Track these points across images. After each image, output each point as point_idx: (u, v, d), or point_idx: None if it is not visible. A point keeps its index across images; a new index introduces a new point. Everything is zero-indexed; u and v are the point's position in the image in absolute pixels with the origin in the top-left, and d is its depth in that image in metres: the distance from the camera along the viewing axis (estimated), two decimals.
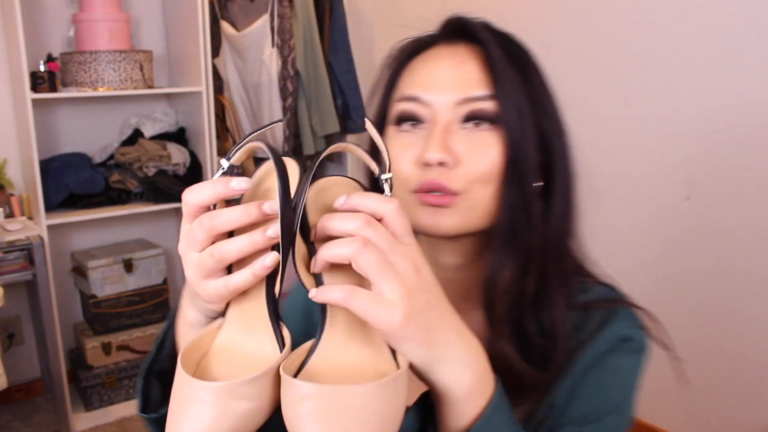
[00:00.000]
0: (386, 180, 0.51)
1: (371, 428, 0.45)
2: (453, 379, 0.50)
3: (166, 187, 2.39)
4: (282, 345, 0.50)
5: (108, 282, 2.44)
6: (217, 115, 2.61)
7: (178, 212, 2.81)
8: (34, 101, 2.19)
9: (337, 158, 2.87)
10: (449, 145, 0.62)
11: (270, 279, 0.50)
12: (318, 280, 0.50)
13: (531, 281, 0.64)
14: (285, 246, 0.47)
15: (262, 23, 2.48)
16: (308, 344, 0.51)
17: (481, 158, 0.62)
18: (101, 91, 2.26)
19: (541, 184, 0.65)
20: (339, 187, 0.54)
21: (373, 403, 0.46)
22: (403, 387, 0.48)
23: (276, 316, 0.51)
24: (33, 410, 2.48)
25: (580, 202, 0.68)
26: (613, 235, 2.17)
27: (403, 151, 0.65)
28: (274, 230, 0.48)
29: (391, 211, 0.47)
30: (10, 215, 2.31)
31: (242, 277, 0.48)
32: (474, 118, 0.63)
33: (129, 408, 2.45)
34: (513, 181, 0.62)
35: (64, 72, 2.34)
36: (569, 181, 0.67)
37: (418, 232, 0.62)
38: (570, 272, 0.68)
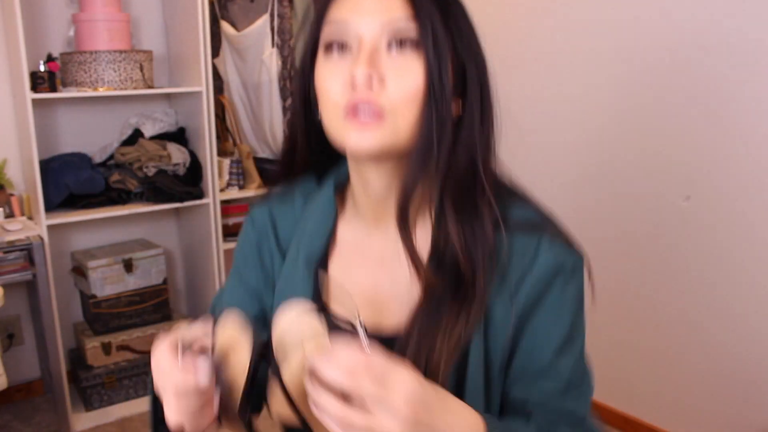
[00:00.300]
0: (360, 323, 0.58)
1: None
2: None
3: (166, 187, 2.39)
4: None
5: (108, 282, 2.44)
6: (217, 115, 2.61)
7: (178, 212, 2.81)
8: (34, 101, 2.19)
9: None
10: (376, 64, 0.66)
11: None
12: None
13: (447, 199, 0.70)
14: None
15: (262, 23, 2.48)
16: None
17: (405, 80, 0.66)
18: (101, 91, 2.26)
19: (460, 113, 0.70)
20: (295, 334, 0.60)
21: None
22: None
23: None
24: (33, 410, 2.48)
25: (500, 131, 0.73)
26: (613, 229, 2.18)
27: (331, 75, 0.69)
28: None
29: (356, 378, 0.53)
30: (10, 215, 2.31)
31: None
32: (397, 41, 0.67)
33: (129, 408, 2.45)
34: (432, 104, 0.66)
35: (64, 72, 2.34)
36: (485, 110, 0.71)
37: (348, 155, 0.73)
38: (490, 193, 0.71)
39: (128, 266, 2.47)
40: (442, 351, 0.68)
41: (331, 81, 0.68)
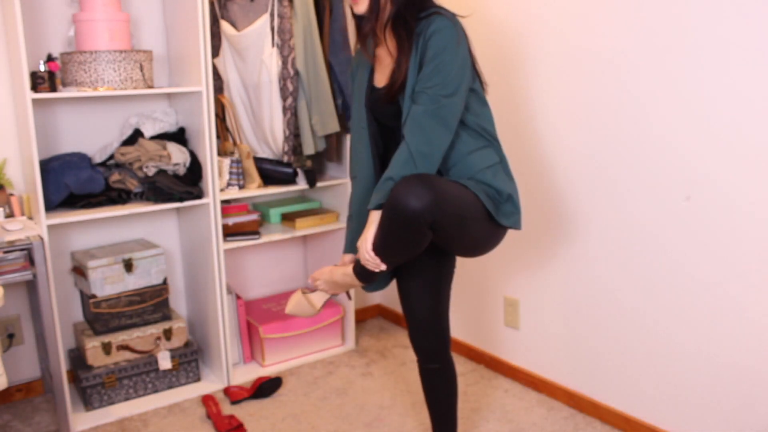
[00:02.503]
0: None
1: None
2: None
3: (166, 187, 2.39)
4: None
5: (108, 282, 2.44)
6: (217, 115, 2.61)
7: (178, 212, 2.81)
8: (34, 101, 2.19)
9: (337, 158, 2.87)
10: None
11: None
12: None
13: (395, 22, 1.65)
14: None
15: (262, 23, 2.48)
16: None
17: None
18: (101, 91, 2.26)
19: None
20: None
21: None
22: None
23: None
24: (33, 410, 2.49)
25: None
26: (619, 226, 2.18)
27: None
28: None
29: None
30: (10, 215, 2.31)
31: None
32: None
33: (129, 408, 2.45)
34: None
35: (64, 72, 2.34)
36: None
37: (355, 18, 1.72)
38: (417, 8, 1.64)
39: (128, 266, 2.47)
40: (402, 66, 1.64)
41: None
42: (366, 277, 1.67)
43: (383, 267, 1.59)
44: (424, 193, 1.45)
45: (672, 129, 1.95)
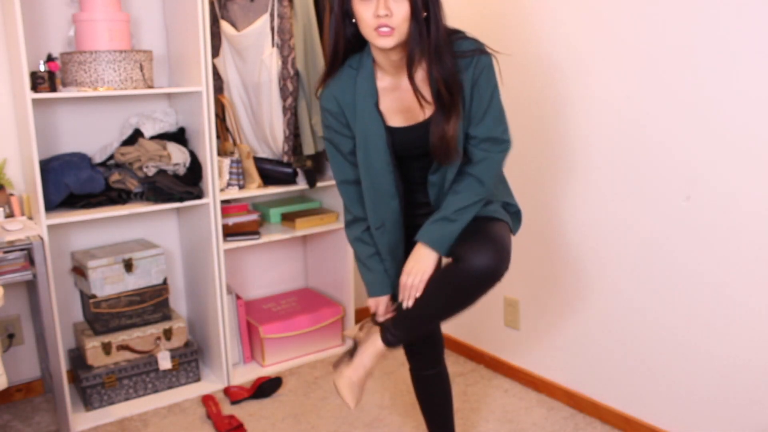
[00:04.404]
0: None
1: None
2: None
3: (166, 187, 2.39)
4: None
5: (108, 282, 2.44)
6: (217, 115, 2.61)
7: (178, 212, 2.81)
8: (34, 101, 2.19)
9: None
10: (388, 6, 1.42)
11: None
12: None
13: (430, 48, 1.47)
14: None
15: (262, 23, 2.48)
16: None
17: (401, 11, 1.43)
18: (101, 91, 2.26)
19: (426, 14, 1.45)
20: None
21: None
22: None
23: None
24: (33, 410, 2.49)
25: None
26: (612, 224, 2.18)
27: (366, 10, 1.44)
28: None
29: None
30: (10, 215, 2.31)
31: None
32: None
33: (129, 408, 2.45)
34: (415, 18, 1.44)
35: (64, 72, 2.34)
36: (437, 13, 1.46)
37: (378, 48, 1.50)
38: (448, 40, 1.49)
39: (128, 266, 2.47)
40: (453, 124, 1.50)
41: (366, 14, 1.44)
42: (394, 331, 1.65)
43: (409, 303, 1.59)
44: (494, 255, 1.46)
45: (672, 129, 1.95)
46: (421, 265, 1.56)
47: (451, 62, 1.47)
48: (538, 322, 2.49)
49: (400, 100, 1.58)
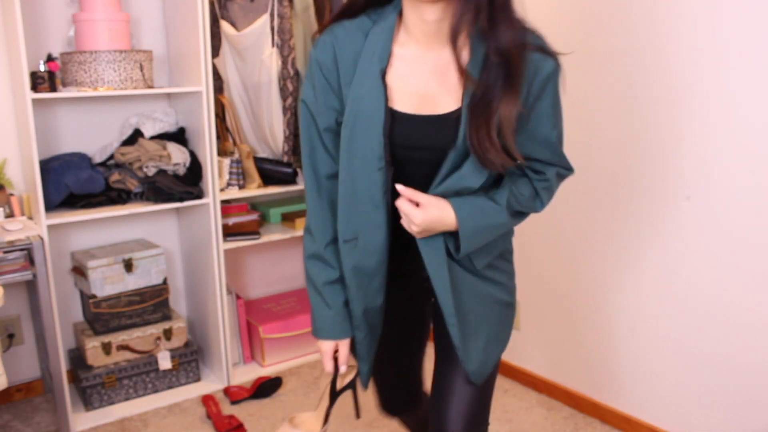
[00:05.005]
0: None
1: None
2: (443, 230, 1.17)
3: (166, 187, 2.39)
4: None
5: (108, 282, 2.44)
6: (217, 115, 2.61)
7: (178, 212, 2.81)
8: (34, 101, 2.19)
9: None
10: None
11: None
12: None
13: (483, 19, 1.05)
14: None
15: (262, 23, 2.48)
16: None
17: None
18: (101, 91, 2.26)
19: None
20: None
21: None
22: None
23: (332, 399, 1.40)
24: (33, 410, 2.48)
25: None
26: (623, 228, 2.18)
27: None
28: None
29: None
30: (10, 215, 2.31)
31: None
32: None
33: (129, 408, 2.45)
34: None
35: (64, 72, 2.34)
36: None
37: (413, 4, 1.08)
38: (515, 21, 1.11)
39: (128, 266, 2.47)
40: (496, 117, 1.09)
41: None
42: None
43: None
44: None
45: (672, 129, 1.95)
46: (434, 217, 1.14)
47: (513, 32, 1.09)
48: (538, 322, 2.49)
49: (419, 76, 1.13)
